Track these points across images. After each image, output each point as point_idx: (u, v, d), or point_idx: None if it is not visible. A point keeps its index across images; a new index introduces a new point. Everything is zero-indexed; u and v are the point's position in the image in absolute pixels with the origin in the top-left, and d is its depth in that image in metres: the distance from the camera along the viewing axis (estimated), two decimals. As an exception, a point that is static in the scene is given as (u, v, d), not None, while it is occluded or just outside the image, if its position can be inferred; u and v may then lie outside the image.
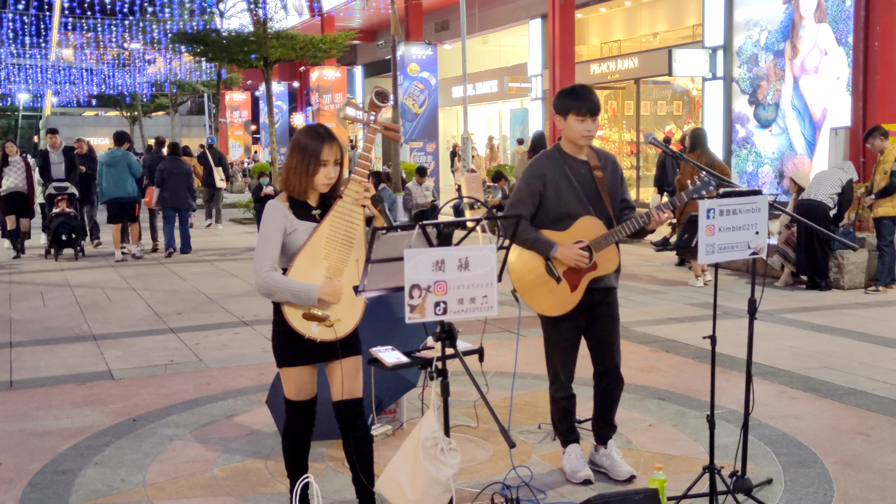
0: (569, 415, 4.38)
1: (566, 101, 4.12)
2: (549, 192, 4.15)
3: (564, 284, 4.15)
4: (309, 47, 21.07)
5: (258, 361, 6.87)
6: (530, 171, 4.22)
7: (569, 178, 4.15)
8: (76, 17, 32.37)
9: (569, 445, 4.38)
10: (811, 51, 15.62)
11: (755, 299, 3.94)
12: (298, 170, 3.48)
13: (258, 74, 26.17)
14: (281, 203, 3.52)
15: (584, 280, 4.16)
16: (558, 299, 4.17)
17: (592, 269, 4.15)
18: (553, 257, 4.11)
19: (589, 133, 4.11)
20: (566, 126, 4.14)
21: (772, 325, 7.87)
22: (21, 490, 4.35)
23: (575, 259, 4.07)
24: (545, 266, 4.16)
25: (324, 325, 3.43)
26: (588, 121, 4.08)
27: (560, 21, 20.32)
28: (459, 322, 3.09)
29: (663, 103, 21.65)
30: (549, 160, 4.21)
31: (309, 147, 3.48)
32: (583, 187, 4.15)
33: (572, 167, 4.17)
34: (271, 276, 3.41)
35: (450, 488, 2.99)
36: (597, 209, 4.17)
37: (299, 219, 3.49)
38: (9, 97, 52.06)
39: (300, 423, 3.67)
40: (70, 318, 8.75)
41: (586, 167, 4.19)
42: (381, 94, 3.54)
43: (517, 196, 4.22)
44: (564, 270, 4.14)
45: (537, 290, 4.19)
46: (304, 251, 3.44)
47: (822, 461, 4.53)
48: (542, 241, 4.11)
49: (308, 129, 3.57)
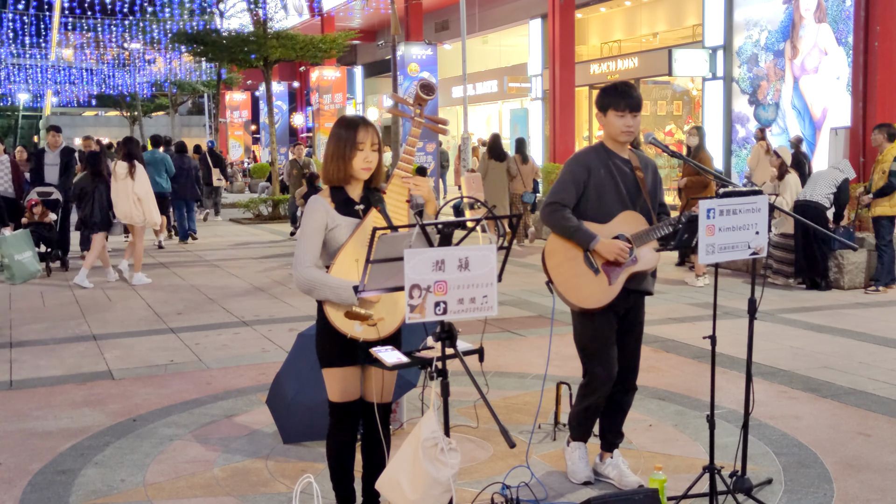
0: (592, 420, 4.29)
1: (607, 98, 4.12)
2: (593, 184, 4.09)
3: (602, 277, 4.06)
4: (309, 47, 21.08)
5: (258, 361, 6.87)
6: (576, 161, 4.17)
7: (612, 173, 4.10)
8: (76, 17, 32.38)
9: (575, 441, 4.33)
10: (811, 51, 15.62)
11: (755, 299, 3.94)
12: (336, 156, 3.44)
13: (258, 74, 26.18)
14: (323, 198, 3.47)
15: (623, 274, 4.07)
16: (594, 291, 4.06)
17: (633, 263, 4.08)
18: (593, 249, 4.05)
19: (629, 128, 4.08)
20: (607, 122, 4.13)
21: (772, 325, 7.87)
22: (21, 490, 4.35)
23: (616, 252, 4.00)
24: (583, 256, 4.08)
25: (367, 325, 3.37)
26: (627, 116, 4.06)
27: (560, 21, 20.32)
28: (459, 322, 3.08)
29: (663, 103, 21.65)
30: (594, 154, 4.17)
31: (343, 133, 3.44)
32: (625, 184, 4.11)
33: (616, 164, 4.13)
34: (311, 272, 3.35)
35: (450, 488, 2.99)
36: (638, 207, 4.13)
37: (342, 214, 3.43)
38: (9, 97, 52.04)
39: (345, 425, 3.56)
40: (70, 318, 8.75)
41: (629, 166, 4.16)
42: (426, 87, 3.45)
43: (560, 184, 4.15)
44: (603, 263, 4.07)
45: (574, 282, 4.08)
46: (346, 249, 3.38)
47: (822, 461, 4.53)
48: (584, 232, 4.03)
49: (342, 118, 3.54)
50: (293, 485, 4.15)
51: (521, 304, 8.94)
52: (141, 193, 10.81)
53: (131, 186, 10.74)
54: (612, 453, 4.32)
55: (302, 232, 3.44)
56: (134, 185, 10.75)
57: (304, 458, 4.72)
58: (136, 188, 10.77)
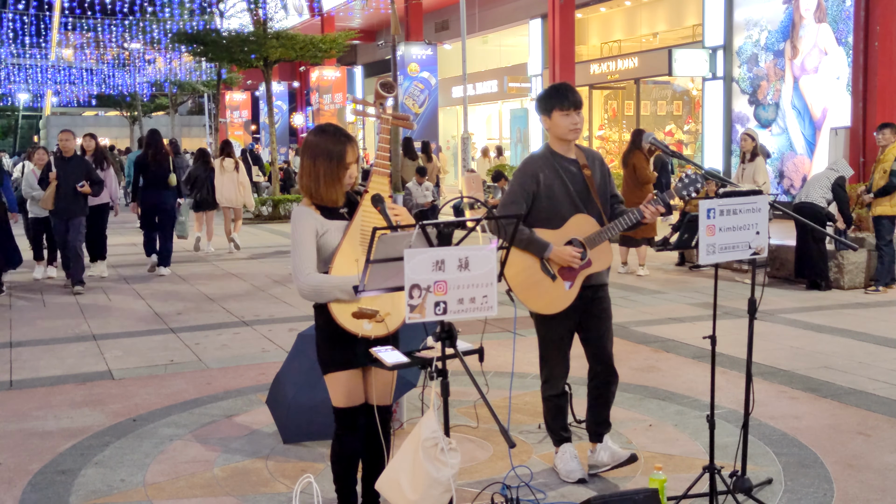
0: (562, 413, 4.38)
1: (548, 100, 4.19)
2: (542, 192, 4.17)
3: (560, 282, 4.16)
4: (309, 47, 21.07)
5: (258, 361, 6.87)
6: (523, 171, 4.24)
7: (561, 177, 4.18)
8: (76, 17, 32.38)
9: (562, 445, 4.37)
10: (811, 51, 15.62)
11: (755, 299, 3.94)
12: (329, 178, 3.39)
13: (258, 74, 26.16)
14: (307, 206, 3.45)
15: (580, 277, 4.18)
16: (553, 297, 4.18)
17: (587, 266, 4.17)
18: (547, 258, 4.13)
19: (575, 126, 4.15)
20: (553, 124, 4.18)
21: (772, 325, 7.87)
22: (21, 490, 4.34)
23: (568, 259, 4.11)
24: (540, 264, 4.16)
25: (375, 322, 3.37)
26: (573, 114, 4.13)
27: (560, 21, 20.33)
28: (459, 322, 3.08)
29: (663, 103, 21.66)
30: (541, 160, 4.24)
31: (334, 152, 3.39)
32: (574, 187, 4.19)
33: (563, 167, 4.20)
34: (314, 277, 3.34)
35: (450, 488, 2.99)
36: (588, 208, 4.20)
37: (328, 219, 3.43)
38: (9, 97, 52.05)
39: (352, 431, 3.54)
40: (70, 318, 8.75)
41: (576, 166, 4.23)
42: (385, 85, 3.50)
43: (510, 196, 4.23)
44: (559, 268, 4.16)
45: (533, 290, 4.19)
46: (341, 251, 3.38)
47: (822, 461, 4.53)
48: (537, 242, 4.12)
49: (326, 134, 3.45)
50: (293, 485, 4.15)
51: (520, 305, 8.92)
52: (244, 183, 14.25)
53: (237, 178, 14.01)
54: (603, 439, 4.37)
55: (295, 241, 3.41)
56: (238, 176, 14.06)
57: (304, 458, 4.72)
58: (241, 178, 14.14)
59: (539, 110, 4.25)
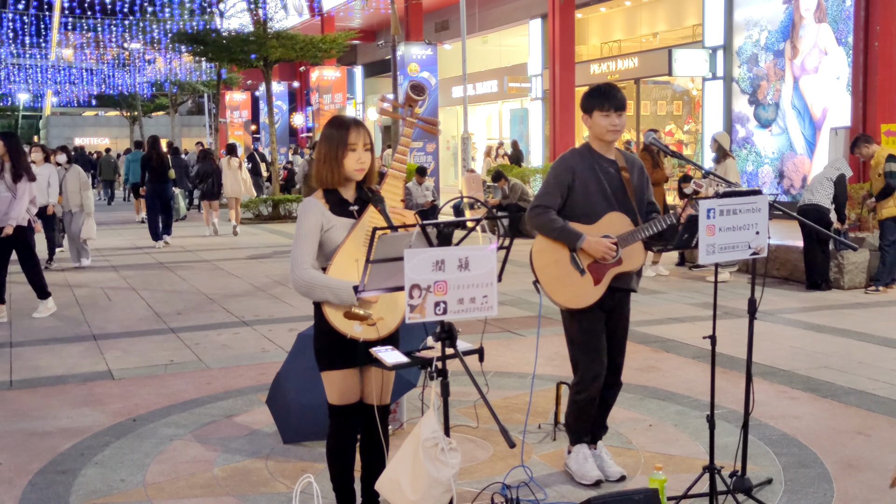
0: (587, 417, 4.30)
1: (591, 100, 4.15)
2: (578, 186, 4.13)
3: (588, 277, 4.10)
4: (309, 47, 21.07)
5: (258, 361, 6.87)
6: (561, 164, 4.20)
7: (597, 175, 4.14)
8: (76, 17, 32.37)
9: (577, 445, 4.32)
10: (811, 51, 15.62)
11: (755, 299, 3.94)
12: (328, 157, 3.41)
13: (258, 74, 26.16)
14: (317, 199, 3.45)
15: (609, 275, 4.11)
16: (580, 292, 4.11)
17: (618, 264, 4.11)
18: (579, 248, 4.07)
19: (614, 127, 4.11)
20: (593, 123, 4.15)
21: (772, 325, 7.87)
22: (21, 490, 4.34)
23: (603, 251, 4.05)
24: (570, 257, 4.11)
25: (366, 325, 3.36)
26: (612, 115, 4.10)
27: (560, 21, 20.31)
28: (459, 322, 3.08)
29: (663, 103, 21.65)
30: (579, 156, 4.20)
31: (335, 134, 3.41)
32: (610, 186, 4.14)
33: (601, 165, 4.16)
34: (309, 273, 3.34)
35: (450, 488, 2.99)
36: (623, 208, 4.15)
37: (336, 215, 3.42)
38: (9, 97, 52.05)
39: (345, 428, 3.55)
40: (70, 318, 8.75)
41: (614, 167, 4.19)
42: (416, 87, 3.44)
43: (545, 187, 4.19)
44: (589, 263, 4.10)
45: (560, 282, 4.12)
46: (342, 249, 3.37)
47: (822, 461, 4.53)
48: (570, 231, 4.07)
49: (332, 119, 3.51)
50: (293, 485, 4.15)
51: (521, 304, 8.94)
52: (246, 178, 17.47)
53: (239, 175, 17.06)
54: (596, 445, 4.36)
55: (298, 234, 3.42)
56: (241, 173, 17.17)
57: (304, 458, 4.72)
58: (243, 175, 17.29)
59: (582, 109, 4.21)
